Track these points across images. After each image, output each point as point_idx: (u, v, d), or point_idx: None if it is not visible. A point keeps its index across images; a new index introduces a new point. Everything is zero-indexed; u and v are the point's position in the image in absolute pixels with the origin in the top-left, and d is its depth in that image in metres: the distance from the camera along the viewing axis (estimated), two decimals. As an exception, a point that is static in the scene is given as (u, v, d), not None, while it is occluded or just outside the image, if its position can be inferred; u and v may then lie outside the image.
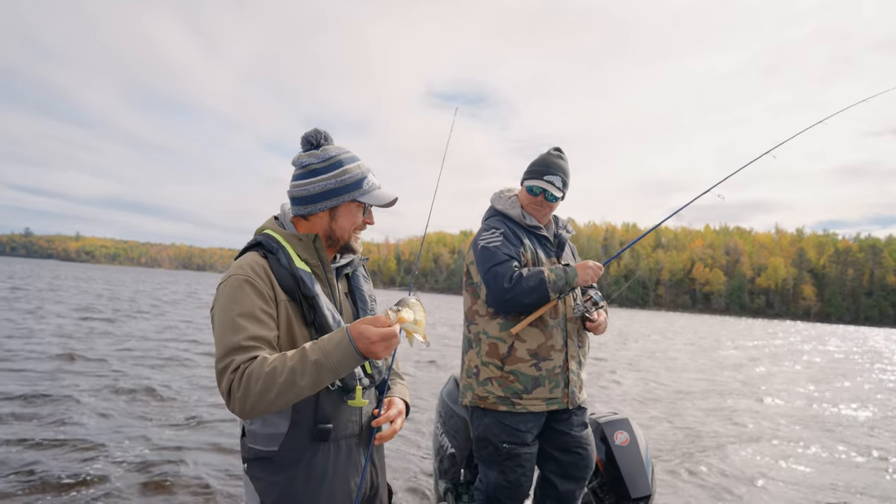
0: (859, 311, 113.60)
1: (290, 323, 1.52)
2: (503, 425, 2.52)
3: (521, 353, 2.51)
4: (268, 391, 1.33)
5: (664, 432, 6.88)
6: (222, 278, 1.54)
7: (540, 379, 2.50)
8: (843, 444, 6.72)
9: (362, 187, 1.64)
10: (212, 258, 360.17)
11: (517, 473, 2.53)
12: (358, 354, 1.34)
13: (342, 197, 1.63)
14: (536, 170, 2.63)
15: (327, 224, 1.65)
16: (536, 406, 2.51)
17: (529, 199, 2.65)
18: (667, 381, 11.33)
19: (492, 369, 2.55)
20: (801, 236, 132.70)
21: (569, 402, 2.55)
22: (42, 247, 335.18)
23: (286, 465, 1.53)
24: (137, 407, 6.10)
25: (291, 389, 1.33)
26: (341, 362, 1.34)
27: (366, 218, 1.70)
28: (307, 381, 1.34)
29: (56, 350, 9.12)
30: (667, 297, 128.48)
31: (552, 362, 2.51)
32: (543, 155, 2.68)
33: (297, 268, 1.54)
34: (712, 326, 45.07)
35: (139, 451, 4.66)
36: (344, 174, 1.63)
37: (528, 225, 2.67)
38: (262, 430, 1.53)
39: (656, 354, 16.96)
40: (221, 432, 5.41)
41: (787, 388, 11.33)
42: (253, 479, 1.56)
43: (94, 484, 3.94)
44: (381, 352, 1.34)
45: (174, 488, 4.04)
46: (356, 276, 1.79)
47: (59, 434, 4.86)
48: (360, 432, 1.66)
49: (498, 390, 2.52)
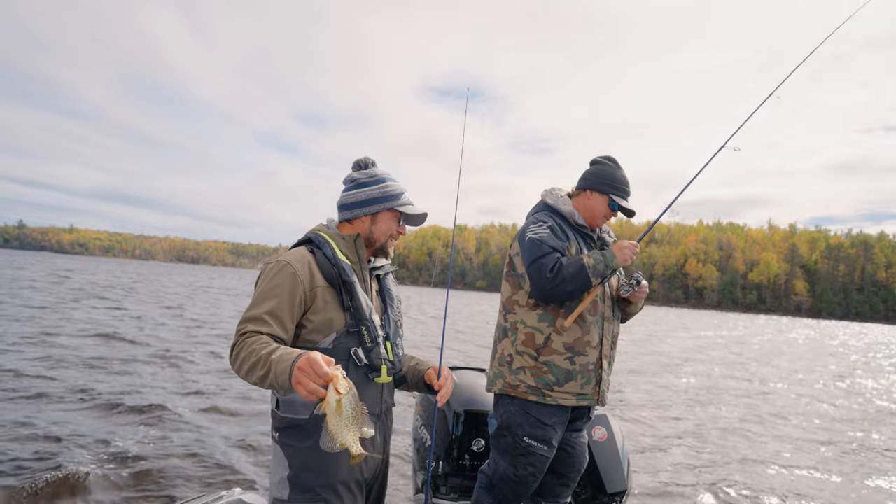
0: (850, 306, 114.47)
1: (328, 306, 1.75)
2: (528, 415, 2.52)
3: (556, 346, 2.52)
4: (244, 363, 1.55)
5: (643, 429, 6.93)
6: (269, 262, 1.79)
7: (573, 373, 2.50)
8: (823, 437, 6.80)
9: (400, 199, 1.94)
10: (206, 251, 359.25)
11: (527, 471, 2.53)
12: (290, 372, 1.40)
13: (383, 204, 1.92)
14: (622, 188, 2.64)
15: (368, 227, 1.93)
16: (566, 400, 2.51)
17: (606, 212, 2.65)
18: (656, 378, 11.41)
19: (526, 359, 2.55)
20: (794, 232, 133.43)
21: (599, 399, 2.57)
22: (35, 238, 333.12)
23: (314, 432, 1.69)
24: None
25: (254, 371, 1.52)
26: (282, 372, 1.43)
27: (399, 228, 1.97)
28: (262, 372, 1.49)
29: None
30: (660, 292, 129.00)
31: (586, 358, 2.51)
32: (618, 170, 2.68)
33: (339, 259, 1.80)
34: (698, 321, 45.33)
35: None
36: (385, 188, 1.94)
37: (577, 223, 2.68)
38: (298, 399, 1.72)
39: (646, 348, 17.07)
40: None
41: (776, 385, 11.43)
42: (284, 446, 1.75)
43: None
44: (299, 381, 1.36)
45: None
46: (387, 279, 2.05)
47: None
48: (380, 413, 1.88)
49: (530, 380, 2.52)
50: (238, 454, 4.71)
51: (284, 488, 1.72)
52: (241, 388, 7.13)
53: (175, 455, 4.55)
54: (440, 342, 2.55)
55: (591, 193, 2.66)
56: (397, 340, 1.95)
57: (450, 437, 3.13)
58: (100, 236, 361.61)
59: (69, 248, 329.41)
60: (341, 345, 1.76)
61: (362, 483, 1.82)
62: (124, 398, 6.11)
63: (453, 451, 3.16)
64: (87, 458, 4.30)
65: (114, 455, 4.41)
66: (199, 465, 4.41)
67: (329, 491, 1.71)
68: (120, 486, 3.89)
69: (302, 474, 1.72)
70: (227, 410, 6.11)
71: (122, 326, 12.41)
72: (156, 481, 3.99)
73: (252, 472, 4.33)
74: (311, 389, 1.34)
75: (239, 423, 5.63)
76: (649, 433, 6.63)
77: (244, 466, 4.45)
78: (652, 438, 6.37)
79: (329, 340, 1.75)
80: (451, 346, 13.38)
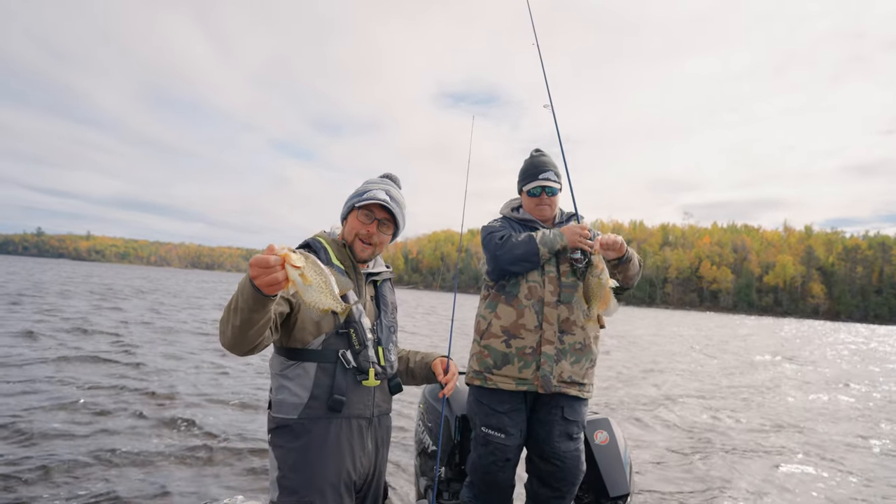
0: (868, 308, 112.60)
1: None
2: (480, 403, 2.65)
3: (494, 329, 2.64)
4: (225, 322, 1.53)
5: (645, 433, 6.88)
6: None
7: (510, 356, 2.57)
8: (822, 446, 6.70)
9: (363, 196, 1.92)
10: (220, 257, 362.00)
11: (489, 460, 2.60)
12: (248, 278, 1.40)
13: (347, 206, 1.98)
14: (529, 173, 2.79)
15: (344, 230, 1.98)
16: (506, 384, 2.56)
17: (534, 202, 2.78)
18: (657, 381, 11.32)
19: (475, 345, 2.74)
20: (810, 234, 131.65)
21: (540, 385, 2.53)
22: (53, 246, 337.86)
23: (303, 433, 1.74)
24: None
25: (227, 314, 1.51)
26: (243, 285, 1.44)
27: (368, 226, 1.92)
28: (232, 305, 1.49)
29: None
30: (674, 295, 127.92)
31: (523, 341, 2.56)
32: (528, 159, 2.86)
33: (332, 263, 1.84)
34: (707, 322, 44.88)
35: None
36: (358, 188, 1.97)
37: (520, 218, 2.84)
38: (288, 399, 1.76)
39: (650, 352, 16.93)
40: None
41: (783, 388, 11.29)
42: (274, 447, 1.78)
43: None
44: (257, 277, 1.36)
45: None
46: (384, 286, 2.05)
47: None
48: (371, 417, 1.88)
49: (476, 364, 2.69)
50: (241, 460, 4.72)
51: (274, 490, 1.74)
52: (247, 392, 7.16)
53: (178, 461, 4.56)
54: (448, 343, 2.62)
55: (521, 193, 2.87)
56: (389, 346, 1.96)
57: (451, 442, 3.14)
58: (116, 243, 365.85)
59: (86, 255, 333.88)
60: (330, 346, 1.78)
61: (352, 486, 1.81)
62: (126, 399, 6.14)
63: (455, 457, 3.17)
64: (89, 463, 4.34)
65: (117, 460, 4.44)
66: (202, 470, 4.43)
67: (316, 493, 1.71)
68: (123, 491, 3.89)
69: (289, 476, 1.72)
70: (232, 414, 6.14)
71: (122, 328, 12.54)
72: (159, 488, 4.00)
73: (255, 479, 4.33)
74: (270, 279, 1.35)
75: (243, 428, 5.65)
76: (652, 435, 6.57)
77: (247, 472, 4.46)
78: (655, 440, 6.32)
79: (318, 341, 1.77)
80: (457, 353, 13.34)
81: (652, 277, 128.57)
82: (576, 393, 2.61)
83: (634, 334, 24.61)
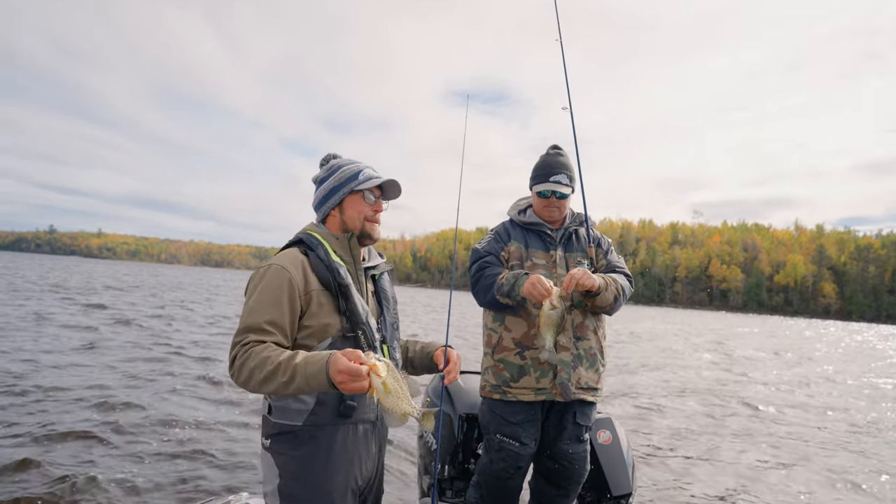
0: (881, 308, 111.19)
1: (323, 310, 1.70)
2: (494, 414, 2.63)
3: (507, 343, 2.62)
4: (256, 371, 1.49)
5: (647, 430, 6.87)
6: (261, 266, 1.72)
7: (525, 368, 2.56)
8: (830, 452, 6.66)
9: (358, 178, 1.83)
10: (230, 255, 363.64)
11: (500, 465, 2.60)
12: (327, 376, 1.43)
13: (342, 191, 1.83)
14: (541, 173, 2.70)
15: (340, 219, 1.85)
16: (525, 395, 2.56)
17: (543, 204, 2.72)
18: (668, 377, 11.28)
19: (488, 359, 2.71)
20: (822, 233, 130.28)
21: (559, 393, 2.53)
22: (65, 243, 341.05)
23: (307, 439, 1.68)
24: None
25: (273, 379, 1.47)
26: (313, 376, 1.44)
27: (374, 206, 1.86)
28: (285, 378, 1.46)
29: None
30: (683, 295, 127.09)
31: (537, 352, 2.53)
32: (543, 157, 2.76)
33: (333, 261, 1.74)
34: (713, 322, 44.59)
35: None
36: (342, 174, 1.85)
37: (526, 222, 2.77)
38: (292, 405, 1.68)
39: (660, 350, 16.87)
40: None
41: (784, 389, 11.22)
42: (275, 454, 1.70)
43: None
44: (344, 383, 1.40)
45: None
46: (382, 279, 1.97)
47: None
48: (376, 420, 1.83)
49: (492, 379, 2.65)
50: (246, 458, 4.73)
51: (275, 499, 1.67)
52: (248, 392, 7.19)
53: (182, 458, 4.58)
54: (446, 332, 2.62)
55: (532, 193, 2.79)
56: (394, 343, 1.91)
57: (455, 441, 3.16)
58: (127, 240, 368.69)
59: (97, 253, 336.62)
60: (336, 350, 1.70)
61: (356, 491, 1.77)
62: (128, 400, 6.18)
63: (458, 455, 3.19)
64: (95, 462, 4.37)
65: (121, 459, 4.48)
66: (206, 468, 4.44)
67: (321, 501, 1.66)
68: (127, 490, 3.92)
69: (292, 484, 1.66)
70: (234, 412, 6.18)
71: (122, 327, 12.67)
72: (163, 485, 4.02)
73: (259, 476, 4.35)
74: (357, 388, 1.39)
75: (246, 426, 5.68)
76: (655, 435, 6.55)
77: (252, 470, 4.48)
78: (657, 440, 6.30)
79: (324, 345, 1.70)
80: (461, 353, 13.36)
81: (661, 276, 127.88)
82: (591, 399, 2.63)
83: (638, 332, 24.52)
